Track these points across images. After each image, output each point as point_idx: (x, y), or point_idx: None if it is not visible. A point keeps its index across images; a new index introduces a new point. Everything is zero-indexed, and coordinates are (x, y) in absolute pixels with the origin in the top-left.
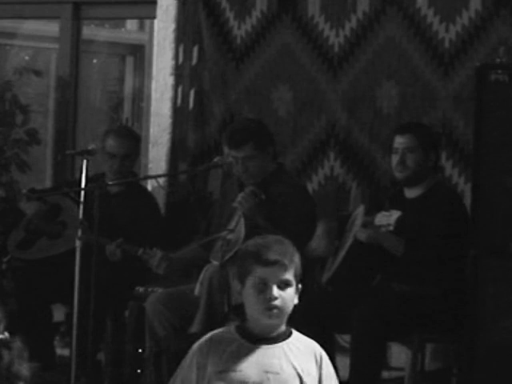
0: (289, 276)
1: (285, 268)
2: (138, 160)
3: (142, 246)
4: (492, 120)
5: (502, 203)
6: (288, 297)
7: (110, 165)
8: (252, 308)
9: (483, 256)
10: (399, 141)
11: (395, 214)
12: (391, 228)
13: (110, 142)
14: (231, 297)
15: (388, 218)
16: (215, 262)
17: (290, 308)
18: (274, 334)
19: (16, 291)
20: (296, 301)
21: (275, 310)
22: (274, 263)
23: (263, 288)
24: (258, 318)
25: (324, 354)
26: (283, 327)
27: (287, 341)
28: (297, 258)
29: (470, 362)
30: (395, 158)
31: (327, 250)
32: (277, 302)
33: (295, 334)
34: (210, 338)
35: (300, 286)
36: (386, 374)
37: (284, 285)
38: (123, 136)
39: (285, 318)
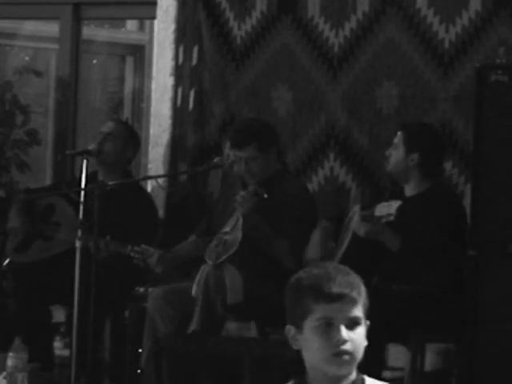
0: (358, 312)
1: (353, 303)
2: (135, 159)
3: (133, 243)
4: (492, 120)
5: (501, 203)
6: (359, 339)
7: (97, 142)
8: (315, 356)
9: (483, 256)
10: (396, 136)
11: (395, 204)
12: (392, 218)
13: (103, 125)
14: (227, 297)
15: (388, 208)
16: (210, 262)
17: (361, 352)
18: None
19: (15, 292)
20: (365, 342)
21: (346, 357)
22: (341, 298)
23: (328, 330)
24: (324, 367)
25: None
26: (354, 374)
27: None
28: (364, 290)
29: (469, 362)
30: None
31: (323, 256)
32: (347, 346)
33: (369, 380)
34: None
35: (368, 322)
36: (385, 374)
37: (353, 324)
38: (116, 121)
39: (356, 365)
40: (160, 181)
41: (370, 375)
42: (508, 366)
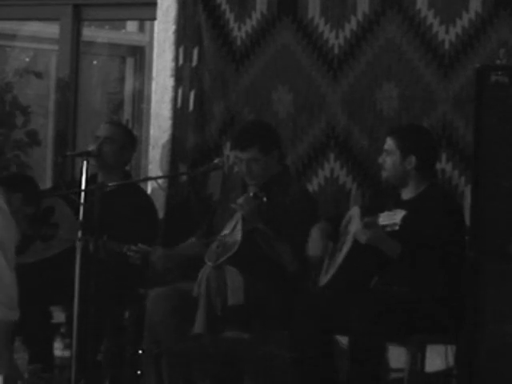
0: None
1: None
2: (132, 159)
3: (132, 244)
4: (492, 121)
5: (501, 205)
6: None
7: (96, 145)
8: None
9: (483, 258)
10: (386, 142)
11: (400, 213)
12: (397, 227)
13: (100, 128)
14: (227, 298)
15: (393, 217)
16: (209, 263)
17: None
18: None
19: None
20: None
21: None
22: None
23: None
24: None
25: None
26: None
27: None
28: None
29: (469, 364)
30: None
31: (323, 254)
32: None
33: None
34: None
35: None
36: (385, 376)
37: None
38: (113, 123)
39: None
40: (160, 182)
41: (368, 377)
42: (508, 366)
